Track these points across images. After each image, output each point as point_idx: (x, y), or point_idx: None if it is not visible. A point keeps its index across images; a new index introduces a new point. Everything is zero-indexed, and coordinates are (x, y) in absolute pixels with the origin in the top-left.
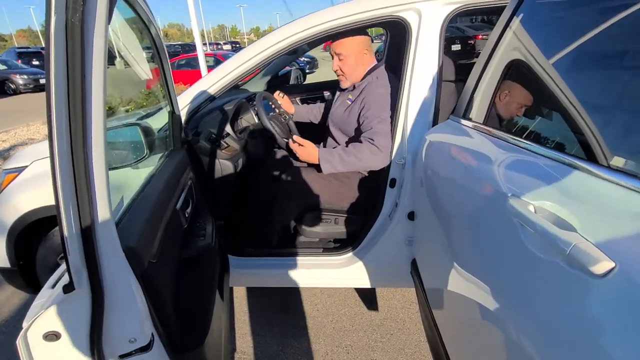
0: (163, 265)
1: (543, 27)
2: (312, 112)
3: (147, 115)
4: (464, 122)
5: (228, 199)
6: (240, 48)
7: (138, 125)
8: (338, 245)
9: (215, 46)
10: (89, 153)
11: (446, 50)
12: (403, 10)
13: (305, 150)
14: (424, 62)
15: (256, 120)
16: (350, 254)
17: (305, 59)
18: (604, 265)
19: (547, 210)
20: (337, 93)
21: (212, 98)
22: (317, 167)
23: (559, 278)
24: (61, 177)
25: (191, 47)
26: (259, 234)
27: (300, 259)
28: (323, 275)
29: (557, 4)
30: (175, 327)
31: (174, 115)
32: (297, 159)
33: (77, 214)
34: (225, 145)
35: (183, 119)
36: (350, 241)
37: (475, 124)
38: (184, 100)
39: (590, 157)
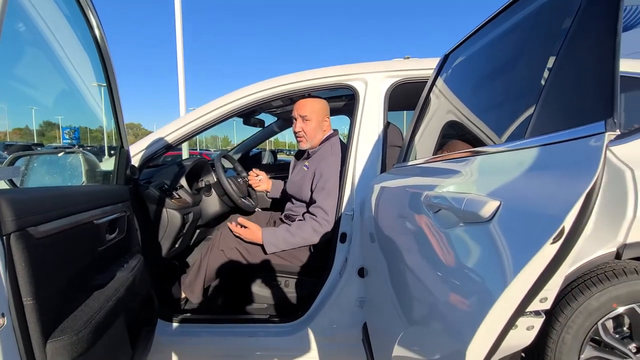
0: (58, 248)
1: (459, 81)
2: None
3: None
4: (405, 163)
5: (168, 250)
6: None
7: (81, 154)
8: (286, 311)
9: (205, 153)
10: None
11: None
12: (352, 80)
13: (249, 231)
14: (370, 123)
15: (215, 179)
16: (298, 320)
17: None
18: (491, 205)
19: (451, 191)
20: (294, 161)
21: (168, 146)
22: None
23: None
24: None
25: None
26: (197, 298)
27: (242, 327)
28: (269, 345)
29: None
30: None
31: (121, 150)
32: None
33: None
34: (176, 197)
35: (137, 164)
36: (299, 305)
37: (414, 160)
38: (140, 146)
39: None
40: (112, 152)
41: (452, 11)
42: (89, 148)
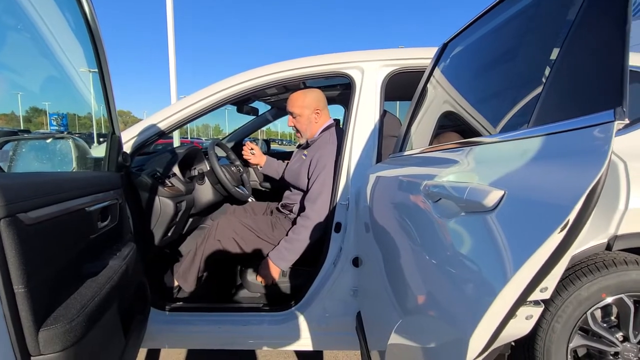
0: (50, 235)
1: (458, 70)
2: (279, 167)
3: None
4: (401, 153)
5: (158, 241)
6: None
7: (71, 139)
8: (280, 300)
9: (197, 141)
10: None
11: None
12: (349, 68)
13: (265, 268)
14: (367, 112)
15: (208, 168)
16: (292, 309)
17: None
18: (495, 194)
19: (451, 180)
20: (295, 150)
21: (161, 133)
22: (266, 220)
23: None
24: None
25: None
26: (190, 285)
27: (236, 315)
28: (262, 334)
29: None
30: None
31: (113, 136)
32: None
33: None
34: (169, 185)
35: (129, 150)
36: (293, 294)
37: (410, 150)
38: (132, 132)
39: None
40: (101, 139)
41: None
42: (77, 135)
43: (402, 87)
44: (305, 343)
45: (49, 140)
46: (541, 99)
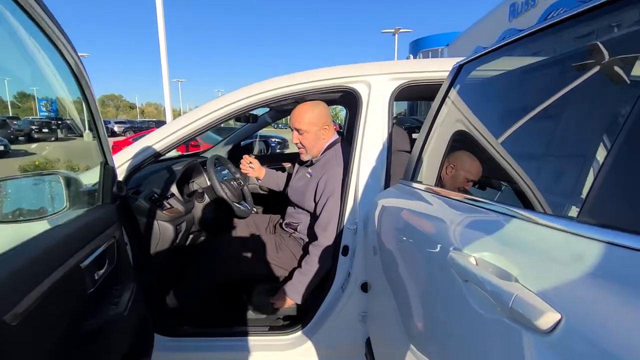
0: (34, 332)
1: (475, 98)
2: (278, 179)
3: None
4: (412, 184)
5: (162, 265)
6: (220, 129)
7: (58, 174)
8: (287, 324)
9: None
10: None
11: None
12: (354, 82)
13: (280, 300)
14: (374, 129)
15: (208, 184)
16: (299, 333)
17: (277, 140)
18: (550, 317)
19: (488, 262)
20: (297, 165)
21: (157, 155)
22: (270, 240)
23: (507, 337)
24: None
25: (163, 123)
26: (194, 309)
27: (243, 340)
28: (269, 359)
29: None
30: None
31: (106, 166)
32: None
33: None
34: (168, 207)
35: (123, 174)
36: (300, 318)
37: (422, 185)
38: (126, 156)
39: (530, 206)
40: (91, 127)
41: None
42: (69, 121)
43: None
44: None
45: (37, 178)
46: (599, 181)
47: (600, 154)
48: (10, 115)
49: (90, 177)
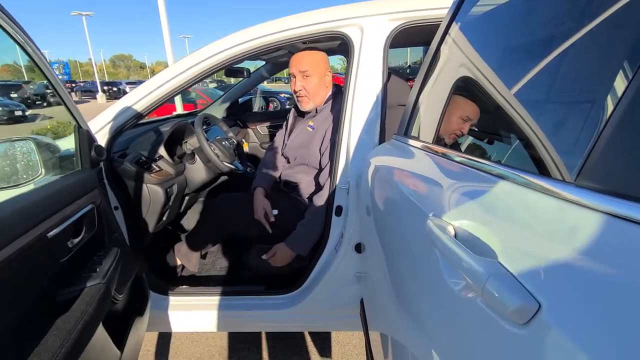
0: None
1: (479, 33)
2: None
3: None
4: (407, 140)
5: (153, 228)
6: (226, 86)
7: (29, 140)
8: (282, 284)
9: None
10: None
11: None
12: (345, 26)
13: (279, 254)
14: (367, 79)
15: (198, 145)
16: (294, 293)
17: (287, 95)
18: (527, 309)
19: (467, 232)
20: (291, 120)
21: (139, 115)
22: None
23: (479, 323)
24: None
25: None
26: (194, 265)
27: (239, 299)
28: (265, 317)
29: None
30: None
31: (80, 130)
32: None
33: None
34: (156, 169)
35: (106, 137)
36: (295, 278)
37: (416, 141)
38: (106, 117)
39: (528, 166)
40: (105, 88)
41: None
42: (82, 84)
43: (411, 41)
44: (308, 326)
45: (8, 145)
46: (606, 136)
47: (612, 100)
48: (26, 79)
49: (71, 142)
